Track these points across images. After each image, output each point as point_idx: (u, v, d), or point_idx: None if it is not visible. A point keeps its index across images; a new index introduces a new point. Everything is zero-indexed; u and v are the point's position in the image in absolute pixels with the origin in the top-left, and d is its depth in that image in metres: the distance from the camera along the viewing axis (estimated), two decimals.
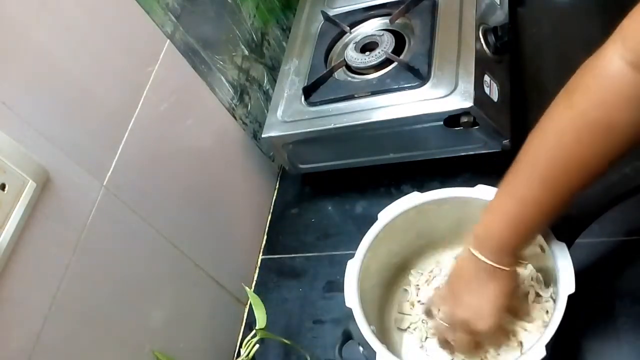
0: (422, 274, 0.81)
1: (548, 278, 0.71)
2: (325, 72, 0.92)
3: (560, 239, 0.64)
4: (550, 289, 0.70)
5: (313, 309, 0.87)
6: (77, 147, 0.64)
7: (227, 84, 0.93)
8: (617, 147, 0.51)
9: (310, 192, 1.02)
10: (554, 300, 0.65)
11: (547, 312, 0.69)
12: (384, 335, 0.75)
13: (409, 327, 0.78)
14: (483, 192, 0.70)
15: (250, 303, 0.89)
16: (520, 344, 0.69)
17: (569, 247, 0.64)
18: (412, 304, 0.79)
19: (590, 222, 0.66)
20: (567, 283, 0.61)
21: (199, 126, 0.86)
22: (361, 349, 0.68)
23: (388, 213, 0.75)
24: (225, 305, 0.90)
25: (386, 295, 0.80)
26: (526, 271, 0.73)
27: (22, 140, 0.57)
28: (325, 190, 0.99)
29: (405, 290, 0.81)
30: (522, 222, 0.59)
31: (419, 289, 0.80)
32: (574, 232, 0.66)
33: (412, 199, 0.74)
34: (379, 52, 0.89)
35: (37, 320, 0.58)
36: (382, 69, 0.89)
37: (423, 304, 0.77)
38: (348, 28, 0.98)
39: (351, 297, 0.69)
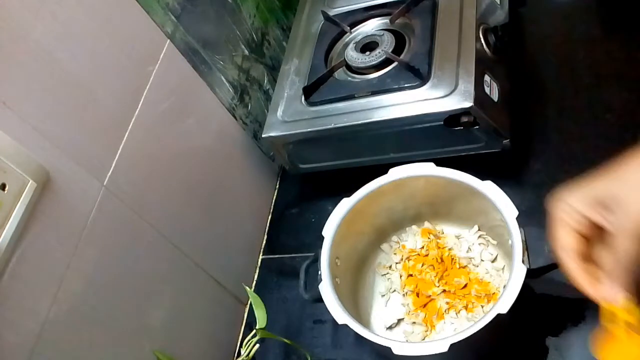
0: (418, 232, 0.85)
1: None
2: (325, 72, 0.92)
3: (533, 264, 0.64)
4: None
5: (313, 308, 0.87)
6: (77, 147, 0.64)
7: (227, 84, 0.93)
8: None
9: (310, 192, 1.02)
10: None
11: None
12: (359, 272, 0.84)
13: (385, 275, 0.85)
14: (490, 187, 0.72)
15: (251, 303, 0.89)
16: None
17: (536, 276, 0.65)
18: (398, 255, 0.85)
19: None
20: (502, 302, 0.62)
21: (199, 126, 0.86)
22: (319, 272, 0.73)
23: (399, 172, 0.77)
24: (225, 305, 0.90)
25: (379, 242, 0.87)
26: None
27: (22, 140, 0.57)
28: (325, 190, 0.99)
29: (397, 242, 0.86)
30: None
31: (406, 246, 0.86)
32: (549, 266, 0.65)
33: (426, 168, 0.76)
34: (379, 52, 0.89)
35: (37, 320, 0.58)
36: (382, 69, 0.89)
37: (407, 259, 0.84)
38: (348, 28, 0.98)
39: (329, 228, 0.76)
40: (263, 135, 0.92)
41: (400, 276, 0.83)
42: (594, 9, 1.00)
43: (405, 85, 0.84)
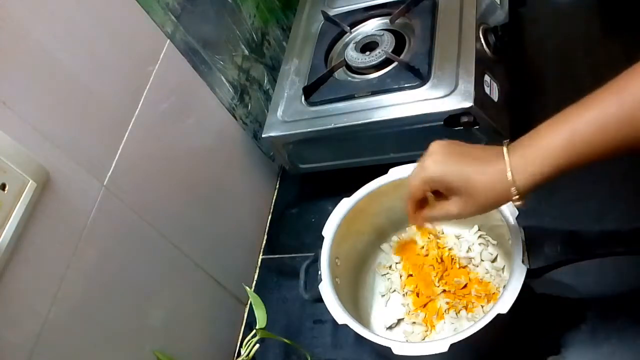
0: (418, 232, 0.85)
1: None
2: (325, 72, 0.92)
3: (533, 264, 0.64)
4: None
5: (313, 308, 0.87)
6: (77, 147, 0.64)
7: (227, 84, 0.93)
8: None
9: (310, 192, 1.02)
10: None
11: None
12: (359, 272, 0.84)
13: (385, 275, 0.85)
14: None
15: (251, 303, 0.89)
16: None
17: (536, 276, 0.65)
18: (398, 255, 0.85)
19: (572, 262, 0.66)
20: (502, 302, 0.61)
21: (199, 126, 0.86)
22: (319, 272, 0.73)
23: (399, 172, 0.77)
24: (226, 305, 0.90)
25: (379, 242, 0.87)
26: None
27: (22, 140, 0.57)
28: (325, 190, 0.99)
29: (397, 242, 0.86)
30: (574, 145, 0.51)
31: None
32: (549, 266, 0.65)
33: None
34: (379, 52, 0.89)
35: (37, 320, 0.58)
36: (382, 69, 0.89)
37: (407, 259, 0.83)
38: (348, 28, 0.98)
39: (329, 228, 0.77)
40: (263, 135, 0.92)
41: (400, 276, 0.83)
42: (594, 9, 1.00)
43: (405, 85, 0.84)
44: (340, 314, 0.68)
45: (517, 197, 0.55)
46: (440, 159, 0.58)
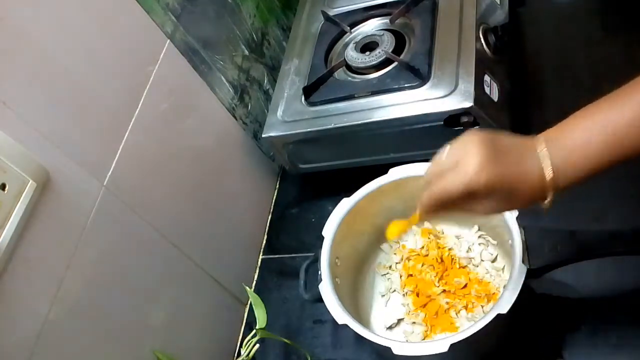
0: (418, 232, 0.86)
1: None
2: (325, 72, 0.92)
3: (533, 264, 0.64)
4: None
5: (313, 308, 0.87)
6: (77, 147, 0.64)
7: (227, 84, 0.93)
8: None
9: (310, 192, 1.02)
10: None
11: None
12: (359, 272, 0.84)
13: (385, 275, 0.85)
14: None
15: (251, 303, 0.89)
16: None
17: (536, 276, 0.65)
18: (398, 255, 0.85)
19: (572, 262, 0.66)
20: (502, 302, 0.62)
21: (199, 126, 0.86)
22: (319, 272, 0.74)
23: (399, 172, 0.77)
24: (226, 305, 0.90)
25: (378, 242, 0.86)
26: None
27: (22, 140, 0.57)
28: (325, 190, 0.99)
29: (397, 242, 0.86)
30: (612, 139, 0.49)
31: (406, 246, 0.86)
32: (549, 266, 0.65)
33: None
34: (379, 52, 0.89)
35: (37, 320, 0.58)
36: (382, 69, 0.89)
37: (407, 259, 0.84)
38: (348, 28, 0.98)
39: (329, 228, 0.77)
40: (263, 135, 0.92)
41: (400, 276, 0.83)
42: (594, 9, 1.00)
43: (405, 85, 0.84)
44: (340, 314, 0.68)
45: (549, 199, 0.52)
46: (484, 164, 0.50)
